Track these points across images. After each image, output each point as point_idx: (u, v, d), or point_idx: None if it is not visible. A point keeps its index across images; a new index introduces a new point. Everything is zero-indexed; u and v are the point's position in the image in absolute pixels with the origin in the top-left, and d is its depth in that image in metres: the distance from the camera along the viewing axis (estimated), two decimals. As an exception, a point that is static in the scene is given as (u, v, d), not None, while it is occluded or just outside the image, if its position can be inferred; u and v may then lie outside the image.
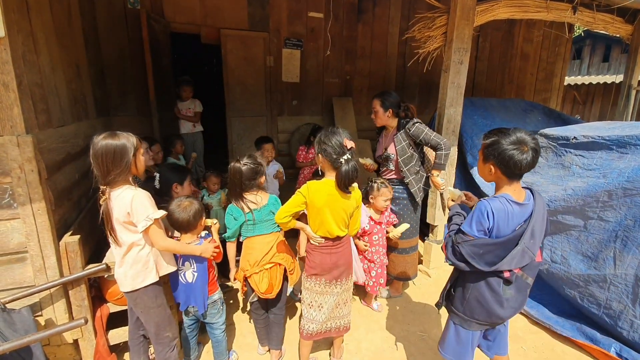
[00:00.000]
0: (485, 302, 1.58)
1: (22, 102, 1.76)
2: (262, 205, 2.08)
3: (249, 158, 2.07)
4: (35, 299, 1.97)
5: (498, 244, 1.48)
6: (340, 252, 1.98)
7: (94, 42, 3.53)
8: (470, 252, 1.50)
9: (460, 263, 1.54)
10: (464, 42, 2.85)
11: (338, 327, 2.11)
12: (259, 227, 2.11)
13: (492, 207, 1.47)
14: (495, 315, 1.60)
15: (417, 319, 2.79)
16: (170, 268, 1.88)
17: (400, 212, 2.83)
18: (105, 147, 1.61)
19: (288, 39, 4.77)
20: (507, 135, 1.46)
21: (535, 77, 6.59)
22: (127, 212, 1.64)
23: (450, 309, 1.74)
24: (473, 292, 1.60)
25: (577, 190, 2.49)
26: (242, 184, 2.04)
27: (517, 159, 1.42)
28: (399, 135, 2.66)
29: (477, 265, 1.49)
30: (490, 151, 1.49)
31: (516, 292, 1.58)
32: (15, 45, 1.73)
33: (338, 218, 1.89)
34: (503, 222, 1.48)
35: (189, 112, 4.41)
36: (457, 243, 1.54)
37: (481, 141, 1.58)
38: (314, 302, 2.02)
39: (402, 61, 5.59)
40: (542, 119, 4.16)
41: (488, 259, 1.50)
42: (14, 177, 1.77)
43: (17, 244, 1.87)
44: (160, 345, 1.91)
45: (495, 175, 1.53)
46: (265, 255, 2.10)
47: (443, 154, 2.57)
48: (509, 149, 1.43)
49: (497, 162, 1.48)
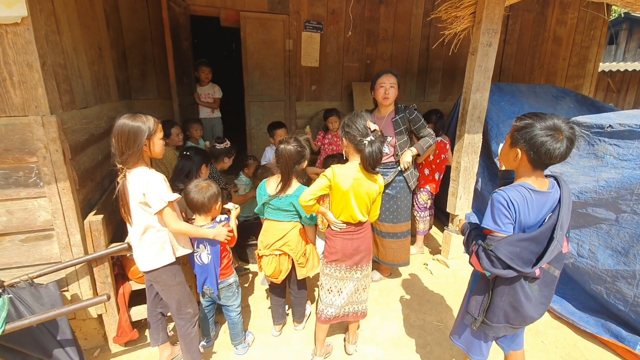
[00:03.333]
0: (522, 306, 1.46)
1: (46, 83, 1.78)
2: (285, 194, 2.06)
3: (295, 141, 2.07)
4: (62, 275, 2.04)
5: (532, 238, 1.35)
6: (361, 238, 1.97)
7: (116, 24, 3.54)
8: (509, 253, 1.32)
9: (504, 270, 1.35)
10: (494, 23, 2.70)
11: (356, 312, 2.12)
12: (275, 213, 2.13)
13: (510, 197, 1.35)
14: (529, 318, 1.50)
15: (433, 309, 2.75)
16: (185, 250, 1.90)
17: (397, 196, 2.79)
18: (121, 128, 1.65)
19: (308, 22, 4.66)
20: (542, 120, 1.34)
21: (567, 63, 6.23)
22: (142, 192, 1.67)
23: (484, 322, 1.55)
24: (507, 299, 1.46)
25: (611, 181, 2.35)
26: (290, 167, 2.04)
27: (550, 146, 1.30)
28: (398, 119, 2.67)
29: (519, 268, 1.32)
30: (520, 134, 1.37)
31: (543, 286, 1.49)
32: (38, 25, 1.74)
33: (361, 203, 1.88)
34: (524, 211, 1.37)
35: (208, 97, 4.41)
36: (489, 247, 1.35)
37: (513, 124, 1.45)
38: (334, 287, 2.03)
39: (425, 44, 5.38)
40: (574, 106, 3.95)
41: (525, 257, 1.34)
42: (40, 156, 1.82)
43: (44, 221, 1.93)
44: (182, 321, 1.95)
45: (520, 161, 1.40)
46: (276, 241, 2.12)
47: (430, 142, 2.69)
48: (542, 134, 1.31)
49: (526, 147, 1.35)
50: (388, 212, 2.83)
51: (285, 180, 2.06)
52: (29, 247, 1.95)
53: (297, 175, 2.11)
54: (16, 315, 1.69)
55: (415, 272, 3.26)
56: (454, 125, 3.84)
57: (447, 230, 3.33)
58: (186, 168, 2.38)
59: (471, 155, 3.07)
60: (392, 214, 2.83)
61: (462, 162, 3.06)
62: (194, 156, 2.44)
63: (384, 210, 2.84)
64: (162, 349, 2.14)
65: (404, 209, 2.84)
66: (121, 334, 2.19)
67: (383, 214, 2.85)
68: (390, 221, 2.84)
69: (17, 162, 1.81)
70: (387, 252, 2.92)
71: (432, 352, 2.34)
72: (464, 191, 3.15)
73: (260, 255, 2.19)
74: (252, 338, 2.36)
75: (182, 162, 2.41)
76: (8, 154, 1.78)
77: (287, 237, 2.12)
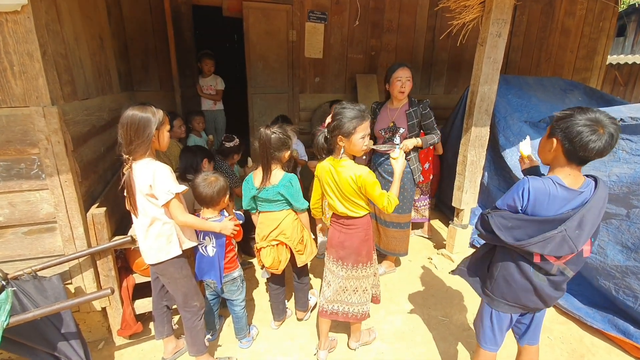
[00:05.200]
0: (515, 282, 1.49)
1: (47, 73, 1.75)
2: (271, 185, 2.04)
3: (279, 128, 2.03)
4: (65, 268, 2.03)
5: (532, 221, 1.37)
6: (349, 234, 1.92)
7: (117, 15, 3.49)
8: (498, 223, 1.43)
9: (487, 233, 1.49)
10: (504, 13, 2.63)
11: (346, 312, 2.05)
12: (265, 205, 2.12)
13: (530, 186, 1.35)
14: (525, 298, 1.51)
15: (438, 303, 2.73)
16: (191, 243, 1.88)
17: (404, 187, 2.80)
18: (131, 117, 1.63)
19: (312, 12, 4.58)
20: (584, 112, 1.29)
21: (575, 55, 6.11)
22: (149, 184, 1.64)
23: (482, 289, 1.67)
24: (501, 271, 1.53)
25: (622, 176, 2.31)
26: (269, 153, 2.00)
27: (587, 138, 1.24)
28: (412, 112, 2.68)
29: (501, 237, 1.41)
30: (558, 124, 1.33)
31: (551, 282, 1.46)
32: (38, 14, 1.69)
33: (339, 195, 1.87)
34: (541, 204, 1.35)
35: (211, 89, 4.36)
36: (487, 213, 1.48)
37: (555, 115, 1.41)
38: (326, 276, 2.07)
39: (431, 36, 5.28)
40: (583, 99, 3.87)
41: (517, 235, 1.40)
42: (41, 148, 1.79)
43: (46, 214, 1.91)
44: (189, 314, 1.94)
45: (554, 152, 1.36)
46: (272, 232, 2.11)
47: (435, 139, 2.70)
48: (580, 124, 1.26)
49: (561, 137, 1.31)
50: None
51: (265, 168, 2.03)
52: (32, 240, 1.93)
53: (280, 163, 2.09)
54: (20, 308, 1.68)
55: (419, 266, 3.24)
56: (460, 118, 3.79)
57: (452, 224, 3.29)
58: (193, 162, 2.38)
59: (478, 149, 3.02)
60: (399, 205, 2.82)
61: (468, 155, 3.01)
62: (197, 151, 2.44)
63: None
64: (166, 342, 2.13)
65: (408, 200, 2.84)
66: (125, 327, 2.18)
67: None
68: (396, 211, 2.82)
69: (19, 153, 1.78)
70: (389, 241, 2.92)
71: (436, 347, 2.32)
72: (470, 185, 3.11)
73: (258, 248, 2.18)
74: (256, 332, 2.35)
75: (187, 155, 2.41)
76: (9, 145, 1.75)
77: (281, 225, 2.11)
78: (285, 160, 2.06)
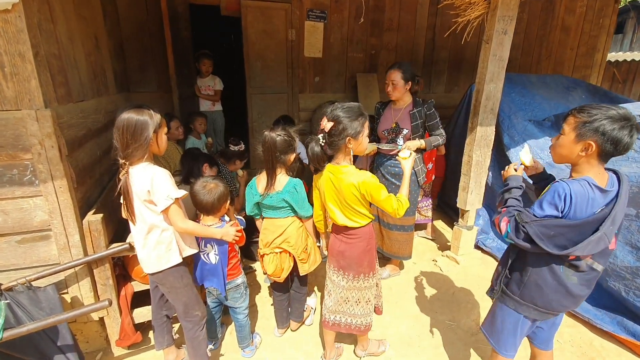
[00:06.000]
0: (547, 286, 1.43)
1: (40, 74, 1.67)
2: (275, 191, 1.96)
3: (283, 130, 1.96)
4: (61, 277, 1.96)
5: (573, 226, 1.32)
6: (349, 244, 1.81)
7: (113, 14, 3.40)
8: (539, 233, 1.34)
9: (525, 243, 1.38)
10: (510, 9, 2.57)
11: (348, 324, 1.96)
12: (269, 212, 2.05)
13: (572, 190, 1.30)
14: (556, 302, 1.46)
15: (445, 307, 2.67)
16: (191, 250, 1.81)
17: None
18: (128, 120, 1.56)
19: (311, 10, 4.51)
20: (611, 111, 1.28)
21: (575, 52, 6.08)
22: (147, 190, 1.57)
23: (505, 292, 1.57)
24: (533, 276, 1.46)
25: (632, 176, 2.26)
26: (275, 157, 1.92)
27: (627, 139, 1.25)
28: (416, 113, 2.61)
29: (544, 247, 1.33)
30: (593, 128, 1.29)
31: (582, 279, 1.42)
32: (30, 13, 1.62)
33: (340, 204, 1.75)
34: (581, 208, 1.31)
35: (209, 89, 4.28)
36: (524, 222, 1.37)
37: (575, 116, 1.36)
38: (326, 286, 2.00)
39: (431, 34, 5.23)
40: (586, 97, 3.83)
41: (559, 242, 1.33)
42: (35, 153, 1.71)
43: (41, 221, 1.83)
44: (190, 324, 1.87)
45: (589, 155, 1.33)
46: (276, 239, 2.04)
47: (439, 141, 2.63)
48: (620, 127, 1.25)
49: (600, 140, 1.27)
50: None
51: (270, 173, 1.95)
52: (26, 249, 1.86)
53: (285, 167, 1.99)
54: (14, 320, 1.61)
55: (424, 268, 3.18)
56: (463, 117, 3.73)
57: (457, 225, 3.24)
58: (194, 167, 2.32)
59: (483, 148, 2.96)
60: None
61: (473, 155, 2.96)
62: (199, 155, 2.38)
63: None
64: (167, 353, 2.06)
65: (412, 202, 2.78)
66: (124, 337, 2.11)
67: None
68: None
69: (11, 159, 1.70)
70: (392, 244, 2.86)
71: (444, 352, 2.26)
72: (475, 186, 3.05)
73: (262, 255, 2.11)
74: (259, 340, 2.28)
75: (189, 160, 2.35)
76: (1, 150, 1.68)
77: (286, 233, 2.04)
78: (290, 164, 1.99)
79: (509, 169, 1.66)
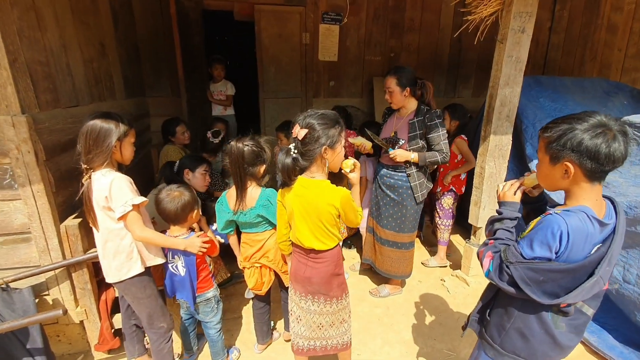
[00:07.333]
0: (533, 336, 1.20)
1: (17, 81, 1.69)
2: (248, 208, 1.83)
3: (251, 140, 1.84)
4: (42, 279, 1.98)
5: (566, 271, 1.09)
6: (315, 269, 1.63)
7: (126, 20, 3.50)
8: (526, 277, 1.12)
9: (509, 288, 1.16)
10: (528, 5, 2.28)
11: (324, 346, 1.78)
12: (246, 227, 1.93)
13: (569, 227, 1.06)
14: (541, 353, 1.23)
15: (446, 334, 2.42)
16: (157, 260, 1.75)
17: (403, 203, 2.49)
18: (92, 126, 1.56)
19: (326, 13, 4.39)
20: (580, 120, 1.05)
21: (623, 54, 5.42)
22: (105, 196, 1.54)
23: (484, 337, 1.35)
24: (517, 322, 1.23)
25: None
26: (242, 169, 1.80)
27: (607, 148, 1.01)
28: (416, 122, 2.37)
29: (532, 295, 1.11)
30: (561, 145, 1.06)
31: (570, 326, 1.19)
32: (7, 20, 1.64)
33: (311, 224, 1.56)
34: (578, 247, 1.07)
35: (221, 94, 4.31)
36: (508, 262, 1.15)
37: (541, 136, 1.14)
38: (293, 312, 1.77)
39: (457, 35, 4.91)
40: (629, 103, 3.36)
41: (548, 289, 1.11)
42: (12, 157, 1.74)
43: (21, 224, 1.87)
44: (155, 335, 1.83)
45: (573, 178, 1.09)
46: (255, 253, 1.93)
47: (437, 159, 2.37)
48: (591, 136, 1.02)
49: (577, 158, 1.05)
50: (391, 218, 2.55)
51: (240, 187, 1.80)
52: (7, 250, 1.90)
53: (255, 179, 1.85)
54: (-17, 322, 1.63)
55: (429, 288, 2.93)
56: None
57: (468, 243, 2.95)
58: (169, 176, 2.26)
59: (498, 159, 2.67)
60: (396, 222, 2.54)
61: (486, 167, 2.67)
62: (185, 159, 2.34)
63: (387, 216, 2.56)
64: (139, 362, 2.03)
65: (410, 219, 2.54)
66: (102, 341, 2.11)
67: (385, 219, 2.58)
68: (393, 229, 2.56)
69: (-9, 163, 1.75)
70: (384, 260, 2.66)
71: (437, 387, 2.03)
72: (488, 200, 2.76)
73: (242, 268, 2.02)
74: (237, 355, 2.18)
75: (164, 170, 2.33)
76: (-19, 154, 1.72)
77: (264, 247, 1.92)
78: (260, 175, 1.87)
79: (505, 190, 1.35)
